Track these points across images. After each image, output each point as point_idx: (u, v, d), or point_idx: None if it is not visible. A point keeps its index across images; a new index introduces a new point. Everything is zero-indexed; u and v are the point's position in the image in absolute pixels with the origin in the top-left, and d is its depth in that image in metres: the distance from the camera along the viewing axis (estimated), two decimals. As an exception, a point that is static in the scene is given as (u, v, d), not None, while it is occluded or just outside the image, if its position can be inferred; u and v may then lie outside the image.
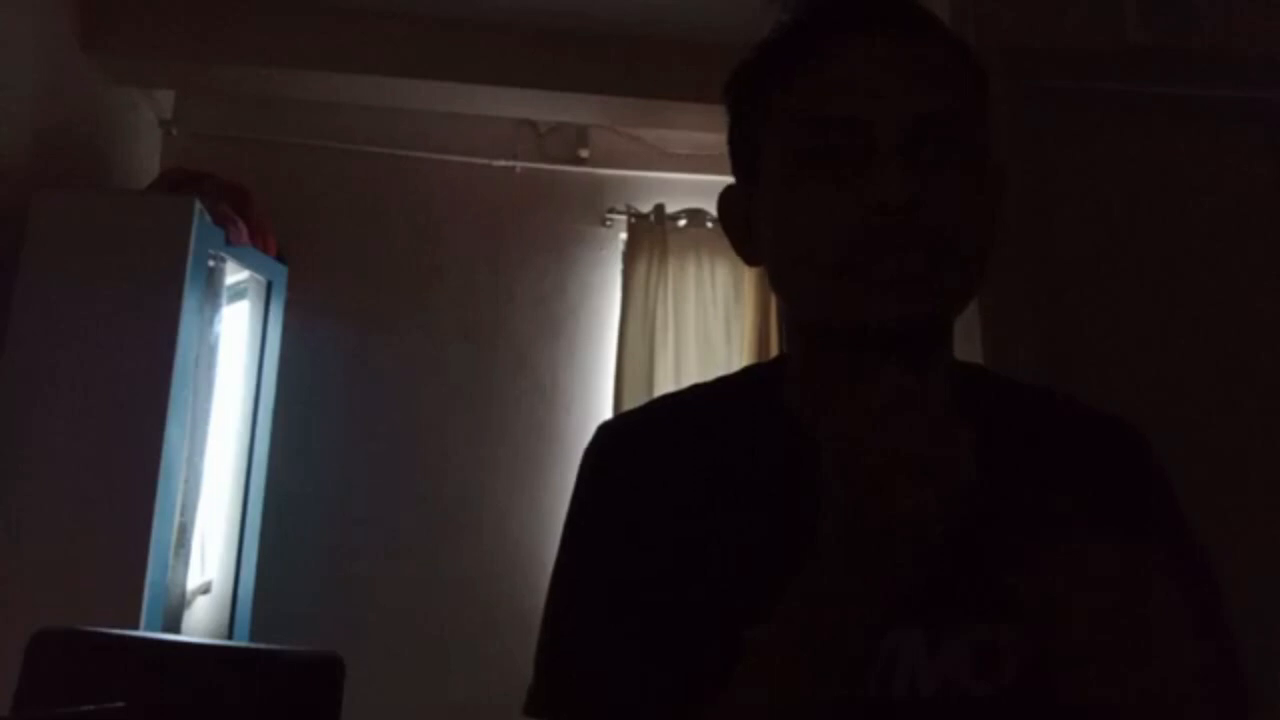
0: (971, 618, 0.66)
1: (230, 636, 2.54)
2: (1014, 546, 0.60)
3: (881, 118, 0.65)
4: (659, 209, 3.10)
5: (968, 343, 1.65)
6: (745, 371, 0.84)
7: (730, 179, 0.78)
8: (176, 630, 2.33)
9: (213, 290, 2.48)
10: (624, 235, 3.11)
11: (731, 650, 0.62)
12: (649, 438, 0.76)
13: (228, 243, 2.48)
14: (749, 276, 3.03)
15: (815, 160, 0.67)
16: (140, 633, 2.00)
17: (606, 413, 2.98)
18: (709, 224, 3.07)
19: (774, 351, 2.96)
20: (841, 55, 0.67)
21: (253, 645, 2.02)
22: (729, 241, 0.78)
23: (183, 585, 2.39)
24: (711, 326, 3.04)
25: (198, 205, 2.35)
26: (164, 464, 2.20)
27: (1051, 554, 0.58)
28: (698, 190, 3.11)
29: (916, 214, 0.64)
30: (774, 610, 0.60)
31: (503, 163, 3.17)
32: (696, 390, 0.81)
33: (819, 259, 0.66)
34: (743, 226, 0.76)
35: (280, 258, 2.83)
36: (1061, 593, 0.57)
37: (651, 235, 3.07)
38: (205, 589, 2.56)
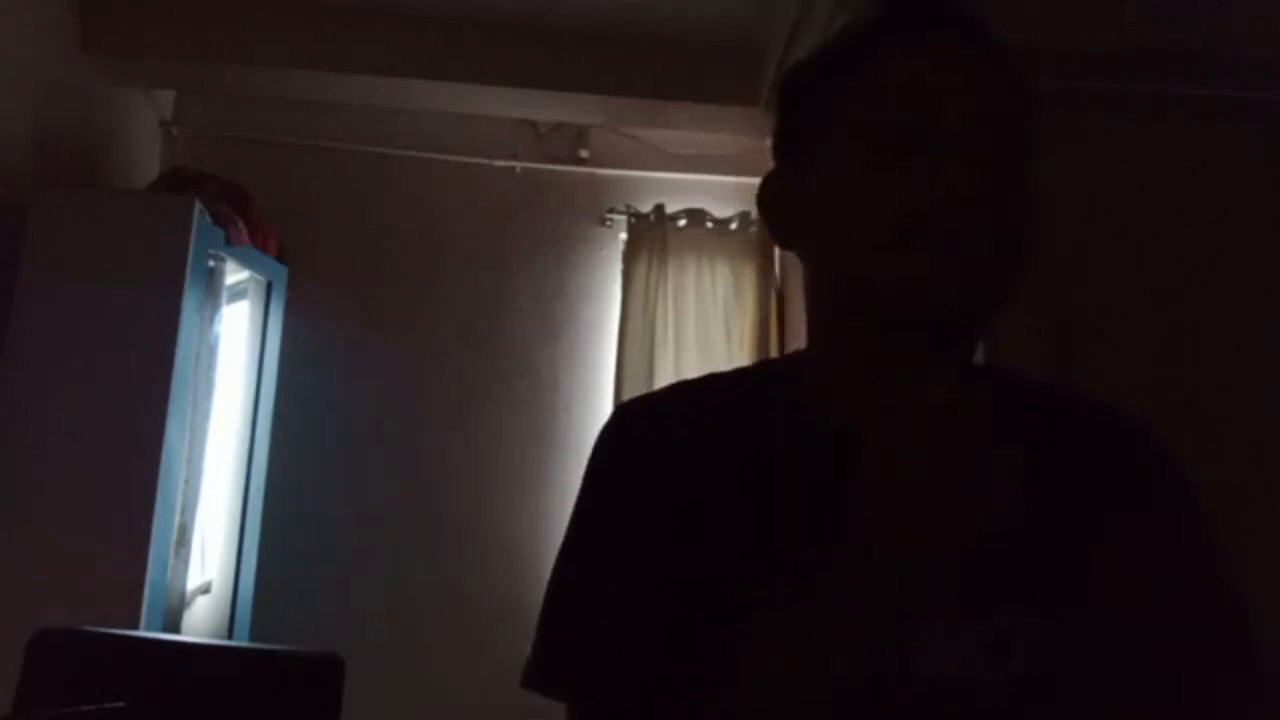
0: (992, 607, 0.68)
1: (230, 636, 2.55)
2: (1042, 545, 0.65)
3: (946, 115, 0.68)
4: (659, 209, 3.09)
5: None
6: (761, 364, 0.88)
7: (730, 179, 0.82)
8: (176, 630, 2.33)
9: (213, 290, 2.48)
10: (624, 235, 3.11)
11: (732, 629, 0.63)
12: (665, 419, 0.78)
13: (228, 243, 2.48)
14: (749, 276, 3.03)
15: (884, 153, 0.69)
16: (140, 633, 2.00)
17: (606, 413, 2.96)
18: (709, 224, 3.06)
19: (774, 352, 2.96)
20: (906, 58, 0.71)
21: (253, 645, 2.02)
22: (765, 223, 0.80)
23: (183, 585, 2.39)
24: (711, 326, 3.03)
25: (198, 205, 2.35)
26: (164, 464, 2.20)
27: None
28: (698, 190, 3.10)
29: (981, 204, 0.66)
30: (804, 589, 0.61)
31: (503, 163, 3.17)
32: (715, 378, 0.83)
33: (885, 233, 0.67)
34: (783, 210, 0.78)
35: (280, 258, 2.83)
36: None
37: (651, 235, 3.07)
38: (205, 589, 2.56)
